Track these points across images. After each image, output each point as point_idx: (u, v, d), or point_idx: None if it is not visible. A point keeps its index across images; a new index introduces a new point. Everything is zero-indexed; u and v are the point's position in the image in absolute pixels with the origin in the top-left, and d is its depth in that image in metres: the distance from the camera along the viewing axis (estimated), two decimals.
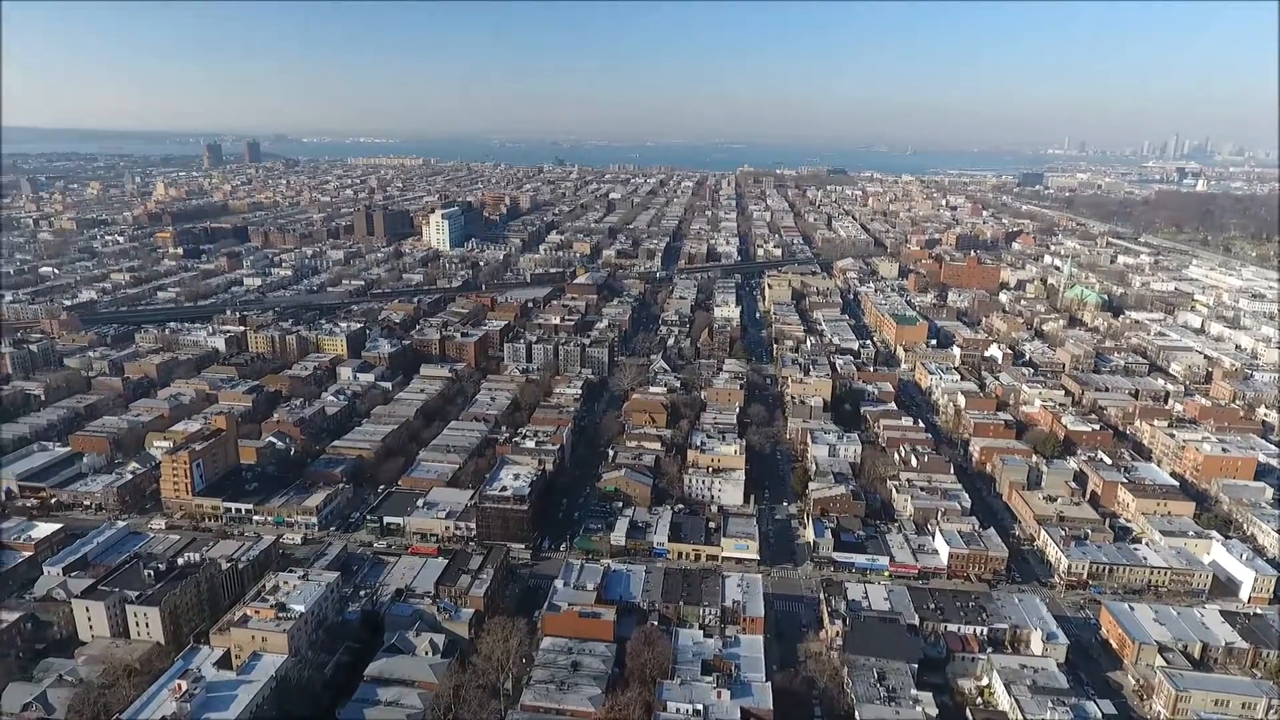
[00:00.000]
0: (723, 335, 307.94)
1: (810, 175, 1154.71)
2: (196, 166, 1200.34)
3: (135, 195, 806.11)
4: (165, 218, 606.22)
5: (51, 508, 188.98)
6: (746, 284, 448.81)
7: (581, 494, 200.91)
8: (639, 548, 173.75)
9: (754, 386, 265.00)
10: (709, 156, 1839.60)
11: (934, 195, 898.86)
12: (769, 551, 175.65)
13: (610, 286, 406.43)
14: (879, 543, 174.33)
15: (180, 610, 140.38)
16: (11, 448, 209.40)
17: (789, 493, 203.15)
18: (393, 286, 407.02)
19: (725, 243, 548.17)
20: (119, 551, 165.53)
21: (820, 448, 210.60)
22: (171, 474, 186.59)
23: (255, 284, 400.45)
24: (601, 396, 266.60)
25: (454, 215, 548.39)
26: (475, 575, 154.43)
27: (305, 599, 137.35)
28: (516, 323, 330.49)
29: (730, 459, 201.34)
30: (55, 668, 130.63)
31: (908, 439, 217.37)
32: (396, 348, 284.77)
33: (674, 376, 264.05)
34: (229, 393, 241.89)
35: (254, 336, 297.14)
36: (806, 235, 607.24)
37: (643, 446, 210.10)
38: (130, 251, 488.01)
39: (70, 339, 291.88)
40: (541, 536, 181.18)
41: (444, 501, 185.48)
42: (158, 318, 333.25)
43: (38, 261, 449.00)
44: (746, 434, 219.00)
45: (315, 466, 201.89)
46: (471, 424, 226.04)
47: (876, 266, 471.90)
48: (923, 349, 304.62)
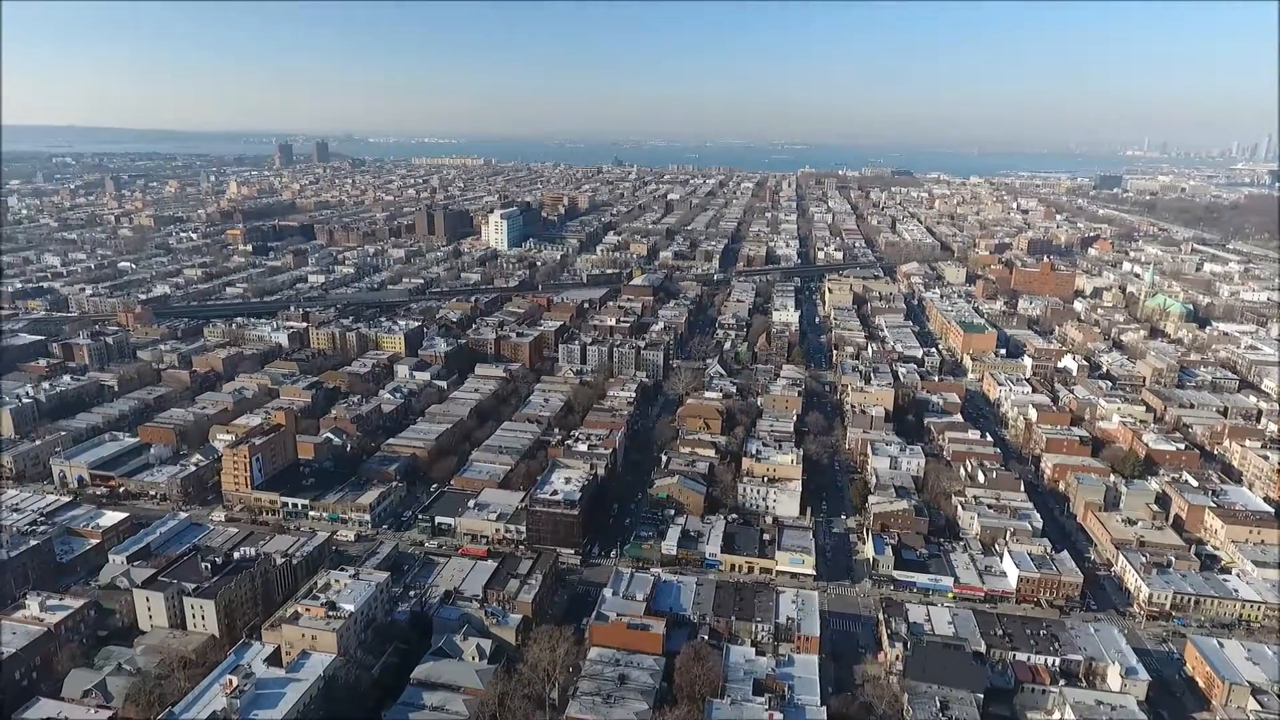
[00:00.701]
0: (781, 340, 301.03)
1: (874, 177, 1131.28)
2: (268, 166, 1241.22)
3: (210, 194, 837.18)
4: (236, 216, 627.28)
5: (119, 496, 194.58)
6: (806, 288, 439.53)
7: (633, 500, 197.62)
8: (690, 558, 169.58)
9: (812, 394, 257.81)
10: (769, 157, 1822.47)
11: (1004, 198, 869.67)
12: (825, 567, 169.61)
13: (667, 288, 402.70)
14: (942, 562, 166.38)
15: (235, 604, 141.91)
16: (85, 436, 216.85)
17: (847, 506, 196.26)
18: (451, 285, 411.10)
19: (785, 245, 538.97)
20: (180, 542, 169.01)
21: (881, 460, 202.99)
22: (232, 467, 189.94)
23: (319, 281, 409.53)
24: (656, 400, 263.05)
25: (513, 215, 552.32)
26: (524, 580, 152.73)
27: (355, 598, 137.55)
28: (572, 324, 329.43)
29: (787, 469, 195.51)
30: (115, 656, 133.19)
31: (974, 453, 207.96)
32: (452, 346, 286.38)
33: (730, 382, 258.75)
34: (290, 388, 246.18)
35: (315, 333, 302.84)
36: (869, 238, 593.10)
37: (696, 453, 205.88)
38: (203, 248, 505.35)
39: (144, 332, 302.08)
40: (591, 542, 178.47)
41: (495, 503, 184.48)
42: (226, 313, 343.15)
43: (117, 257, 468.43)
44: (804, 443, 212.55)
45: (370, 464, 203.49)
46: (524, 425, 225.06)
47: (942, 271, 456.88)
48: (991, 359, 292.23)
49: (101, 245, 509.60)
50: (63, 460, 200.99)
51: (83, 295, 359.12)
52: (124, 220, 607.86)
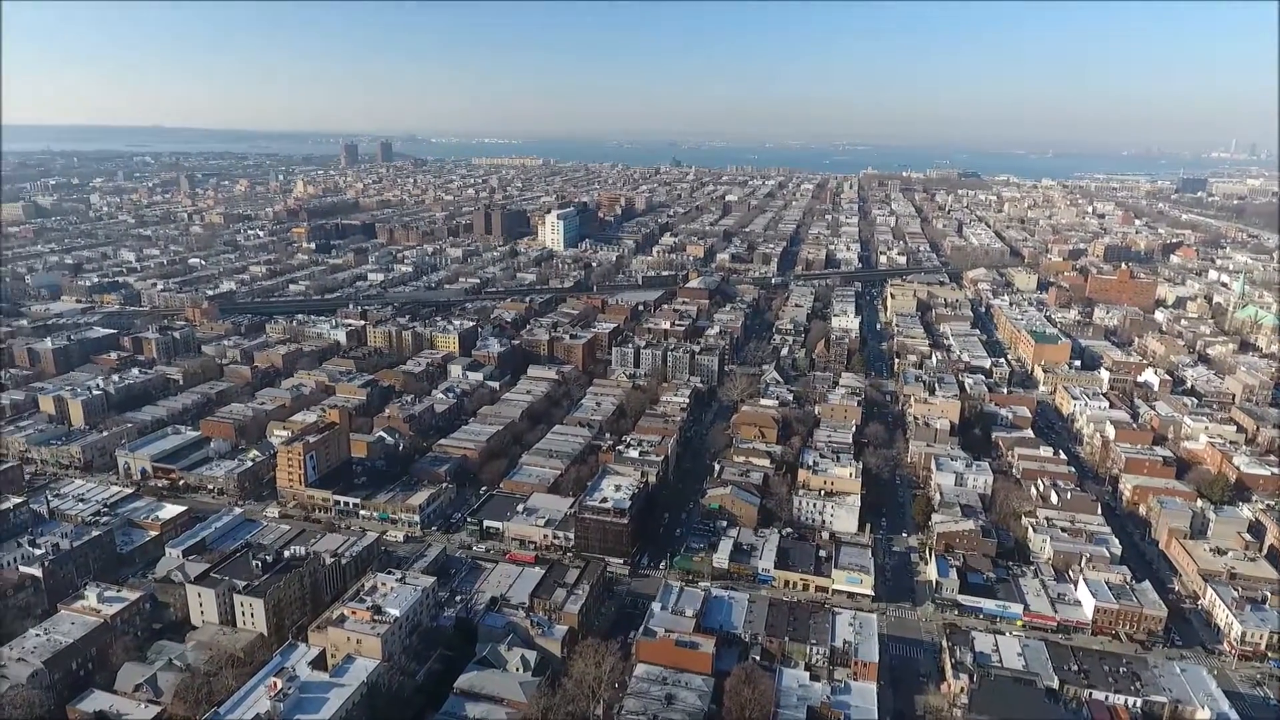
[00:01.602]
0: (840, 347, 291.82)
1: (939, 178, 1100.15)
2: (334, 166, 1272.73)
3: (277, 192, 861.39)
4: (302, 214, 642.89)
5: (179, 489, 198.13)
6: (867, 293, 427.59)
7: (684, 509, 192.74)
8: (742, 572, 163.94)
9: (873, 404, 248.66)
10: (830, 158, 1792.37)
11: (1078, 201, 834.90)
12: (885, 587, 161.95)
13: (723, 291, 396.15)
14: (1011, 588, 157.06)
15: (284, 603, 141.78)
16: (150, 429, 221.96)
17: (909, 523, 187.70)
18: (506, 285, 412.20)
19: (845, 248, 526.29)
20: (234, 538, 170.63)
21: (946, 475, 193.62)
22: (286, 464, 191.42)
23: (378, 279, 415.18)
24: (710, 406, 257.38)
25: (569, 216, 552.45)
26: (571, 590, 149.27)
27: (401, 603, 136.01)
28: (626, 326, 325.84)
29: (845, 482, 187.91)
30: (167, 650, 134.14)
31: (1047, 471, 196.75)
32: (506, 347, 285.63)
33: (786, 389, 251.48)
34: (346, 385, 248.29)
35: (373, 331, 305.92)
36: (934, 242, 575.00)
37: (751, 463, 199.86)
38: (269, 245, 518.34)
39: (209, 327, 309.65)
40: (640, 552, 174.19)
41: (544, 508, 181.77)
42: (287, 309, 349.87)
43: (188, 253, 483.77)
44: (863, 455, 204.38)
45: (421, 464, 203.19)
46: (575, 429, 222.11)
47: (1012, 278, 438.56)
48: (1065, 371, 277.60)
49: (174, 242, 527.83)
50: (127, 452, 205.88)
51: (154, 290, 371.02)
52: (196, 218, 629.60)
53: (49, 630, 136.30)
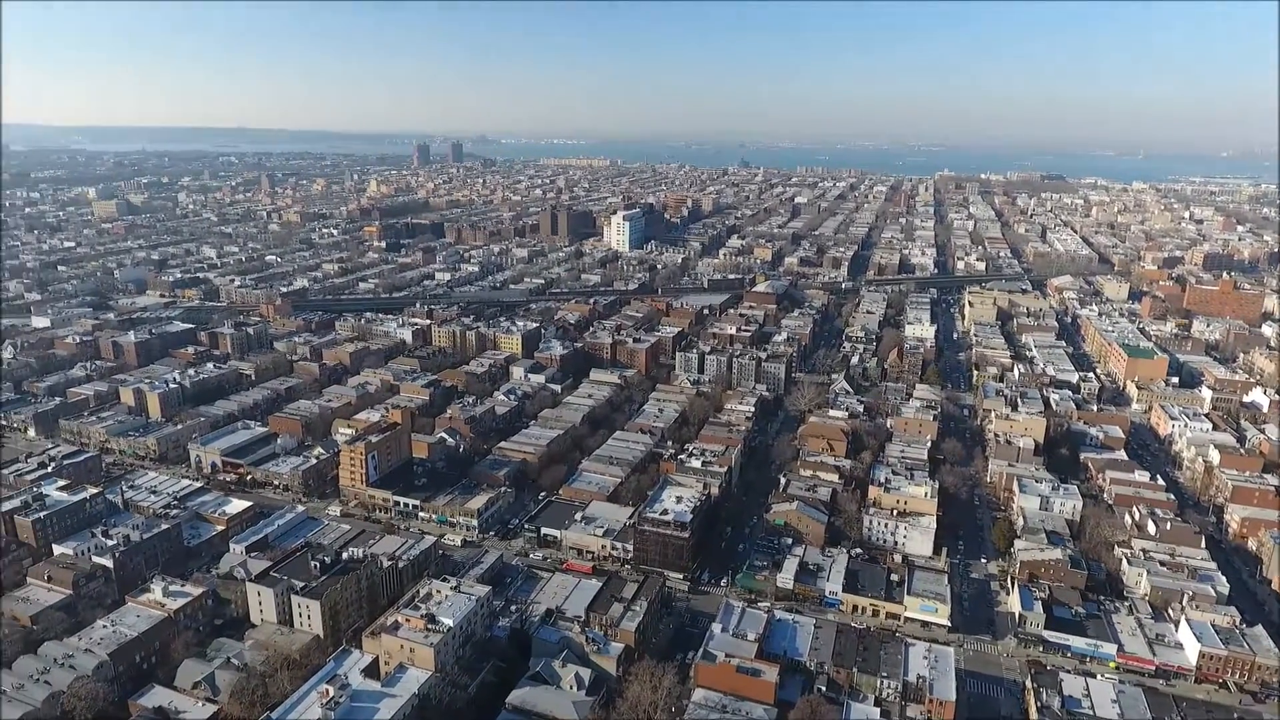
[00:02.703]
0: (914, 357, 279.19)
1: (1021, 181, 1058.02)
2: (406, 166, 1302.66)
3: (352, 192, 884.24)
4: (374, 213, 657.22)
5: (246, 484, 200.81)
6: (943, 300, 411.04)
7: (747, 524, 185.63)
8: (808, 594, 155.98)
9: (949, 418, 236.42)
10: (904, 160, 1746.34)
11: (1173, 206, 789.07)
12: (962, 617, 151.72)
13: (791, 296, 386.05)
14: (1103, 625, 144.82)
15: (340, 606, 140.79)
16: (221, 423, 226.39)
17: (988, 548, 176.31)
18: (570, 286, 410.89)
19: (920, 253, 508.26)
20: (296, 536, 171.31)
21: (1030, 499, 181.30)
22: (349, 463, 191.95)
23: (445, 279, 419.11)
24: (776, 416, 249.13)
25: (635, 217, 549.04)
26: (628, 605, 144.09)
27: (455, 612, 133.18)
28: (690, 330, 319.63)
29: (919, 501, 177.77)
30: (226, 649, 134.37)
31: (1143, 498, 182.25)
32: (568, 349, 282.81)
33: (857, 400, 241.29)
34: (409, 385, 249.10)
35: (438, 330, 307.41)
36: (1015, 248, 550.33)
37: (818, 477, 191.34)
38: (342, 243, 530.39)
39: (282, 323, 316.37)
40: (701, 567, 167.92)
41: (603, 517, 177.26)
42: (357, 307, 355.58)
43: (265, 250, 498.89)
44: (939, 473, 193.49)
45: (481, 466, 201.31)
46: (637, 436, 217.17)
47: (1101, 286, 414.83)
48: (1161, 388, 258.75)
49: (253, 239, 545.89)
50: (199, 445, 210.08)
51: (232, 286, 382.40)
52: (274, 216, 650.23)
53: (116, 622, 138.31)
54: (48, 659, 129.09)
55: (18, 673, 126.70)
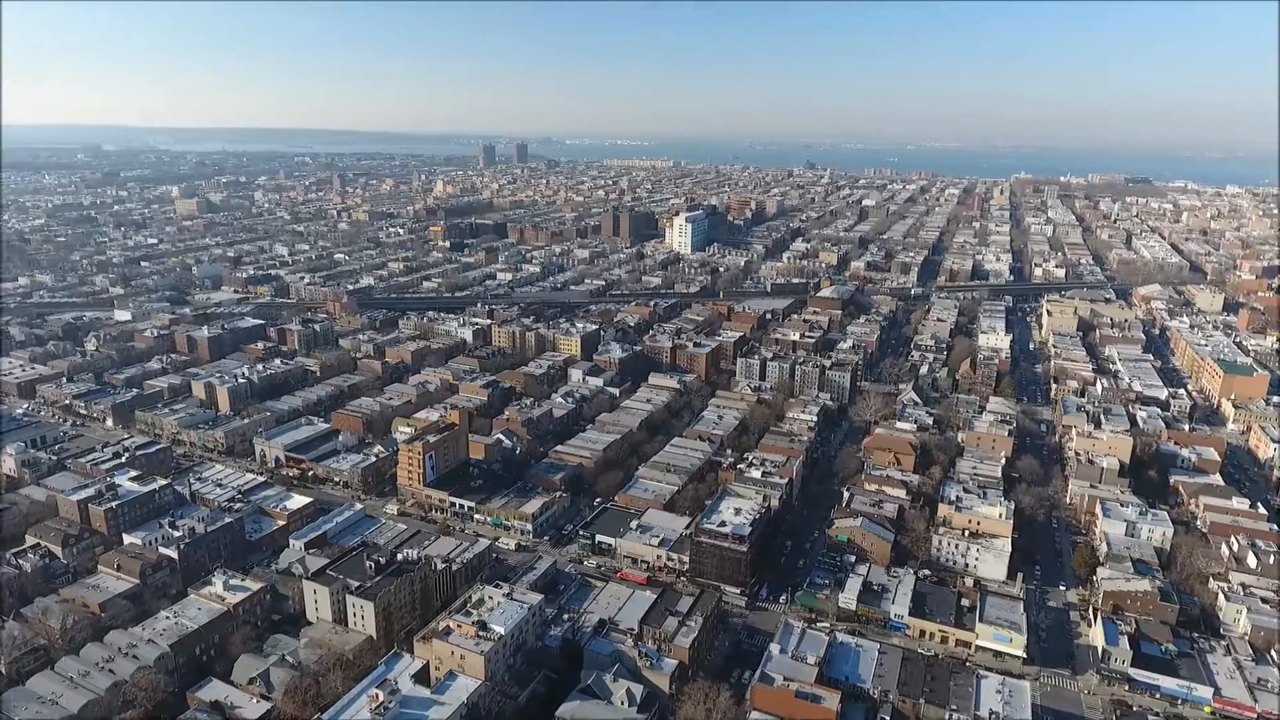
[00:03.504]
0: (988, 368, 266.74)
1: (1104, 184, 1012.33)
2: (472, 166, 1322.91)
3: (419, 191, 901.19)
4: (439, 213, 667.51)
5: (307, 480, 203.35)
6: (1019, 309, 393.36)
7: (808, 539, 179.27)
8: (871, 616, 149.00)
9: (1025, 434, 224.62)
10: (978, 161, 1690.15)
11: (1273, 211, 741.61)
12: (1038, 648, 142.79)
13: (857, 302, 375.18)
14: (1197, 665, 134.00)
15: (393, 607, 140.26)
16: (286, 418, 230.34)
17: (1067, 575, 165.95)
18: (631, 288, 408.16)
19: (995, 259, 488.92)
20: (353, 534, 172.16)
21: (1114, 523, 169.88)
22: (407, 462, 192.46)
23: (506, 279, 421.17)
24: (839, 427, 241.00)
25: (697, 219, 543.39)
26: (683, 620, 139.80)
27: (507, 620, 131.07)
28: (752, 335, 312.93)
29: (993, 522, 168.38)
30: (282, 645, 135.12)
31: (1241, 527, 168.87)
32: (628, 353, 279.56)
33: (926, 412, 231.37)
34: (469, 385, 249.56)
35: (498, 331, 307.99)
36: (1098, 254, 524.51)
37: (884, 492, 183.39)
38: (407, 242, 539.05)
39: (347, 321, 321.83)
40: (759, 583, 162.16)
41: (659, 526, 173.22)
42: (419, 305, 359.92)
43: (334, 248, 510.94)
44: (1014, 492, 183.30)
45: (537, 470, 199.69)
46: (695, 443, 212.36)
47: (1193, 297, 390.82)
48: (1261, 408, 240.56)
49: (323, 237, 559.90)
50: (264, 440, 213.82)
51: (301, 284, 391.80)
52: (344, 215, 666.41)
53: (178, 613, 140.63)
54: (113, 647, 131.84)
55: (84, 659, 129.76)
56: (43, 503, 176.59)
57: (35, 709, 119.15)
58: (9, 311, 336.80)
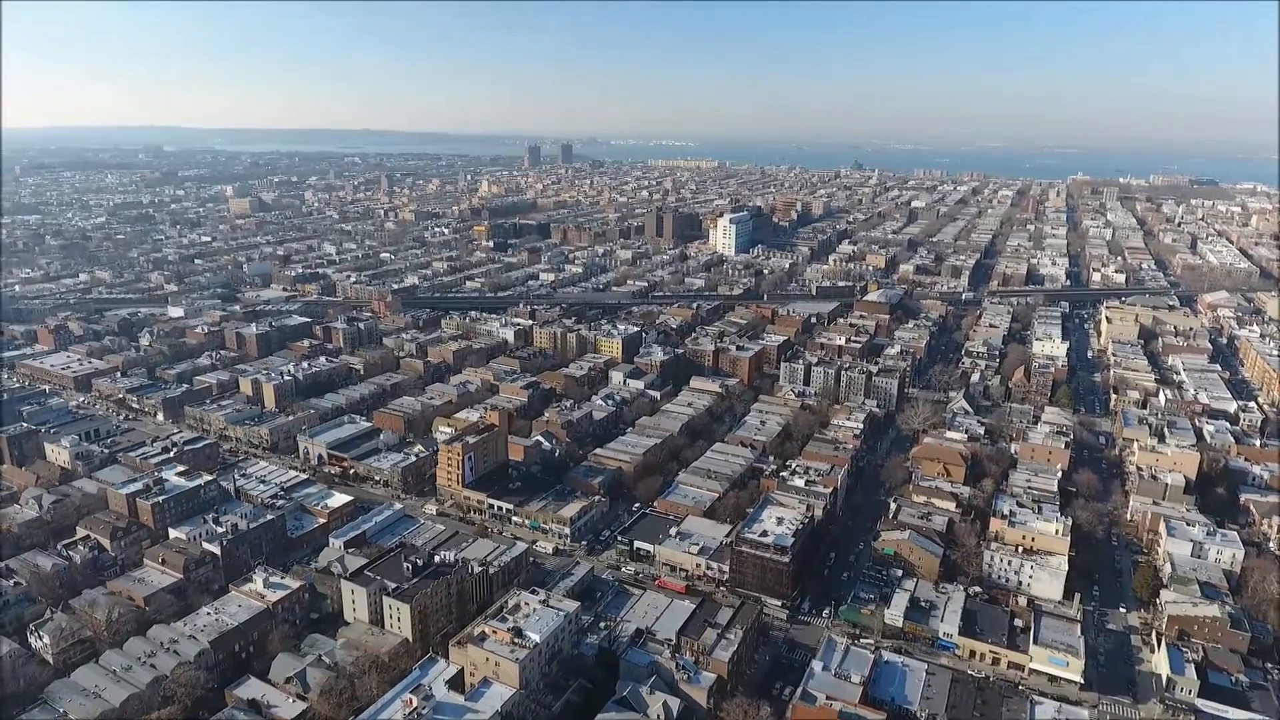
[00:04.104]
0: (1043, 376, 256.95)
1: (1167, 186, 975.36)
2: (517, 167, 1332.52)
3: (464, 192, 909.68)
4: (484, 213, 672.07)
5: (348, 478, 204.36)
6: (1076, 315, 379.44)
7: (853, 551, 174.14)
8: (919, 634, 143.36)
9: (1083, 446, 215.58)
10: (1033, 162, 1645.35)
11: None
12: (1096, 674, 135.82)
13: (905, 306, 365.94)
14: (1271, 698, 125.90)
15: (429, 610, 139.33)
16: (329, 416, 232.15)
17: (1128, 597, 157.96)
18: (673, 290, 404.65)
19: (1050, 263, 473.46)
20: (392, 533, 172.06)
21: (1180, 543, 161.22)
22: (446, 462, 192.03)
23: (549, 279, 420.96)
24: (886, 435, 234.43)
25: (742, 220, 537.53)
26: (723, 632, 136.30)
27: (543, 627, 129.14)
28: (796, 339, 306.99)
29: (1049, 538, 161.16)
30: (319, 645, 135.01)
31: None
32: (669, 355, 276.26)
33: (977, 421, 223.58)
34: (509, 386, 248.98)
35: (539, 331, 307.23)
36: (1160, 259, 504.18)
37: (933, 504, 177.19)
38: (452, 242, 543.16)
39: (391, 319, 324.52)
40: (801, 595, 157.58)
41: (698, 534, 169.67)
42: (462, 305, 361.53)
43: (380, 247, 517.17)
44: (1071, 507, 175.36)
45: (575, 473, 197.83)
46: (737, 449, 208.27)
47: (1263, 304, 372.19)
48: None
49: (370, 237, 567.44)
50: (307, 437, 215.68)
51: (347, 282, 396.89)
52: (391, 214, 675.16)
53: (219, 610, 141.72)
54: (155, 642, 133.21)
55: (128, 653, 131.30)
56: (94, 495, 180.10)
57: (79, 702, 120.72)
58: (69, 307, 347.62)
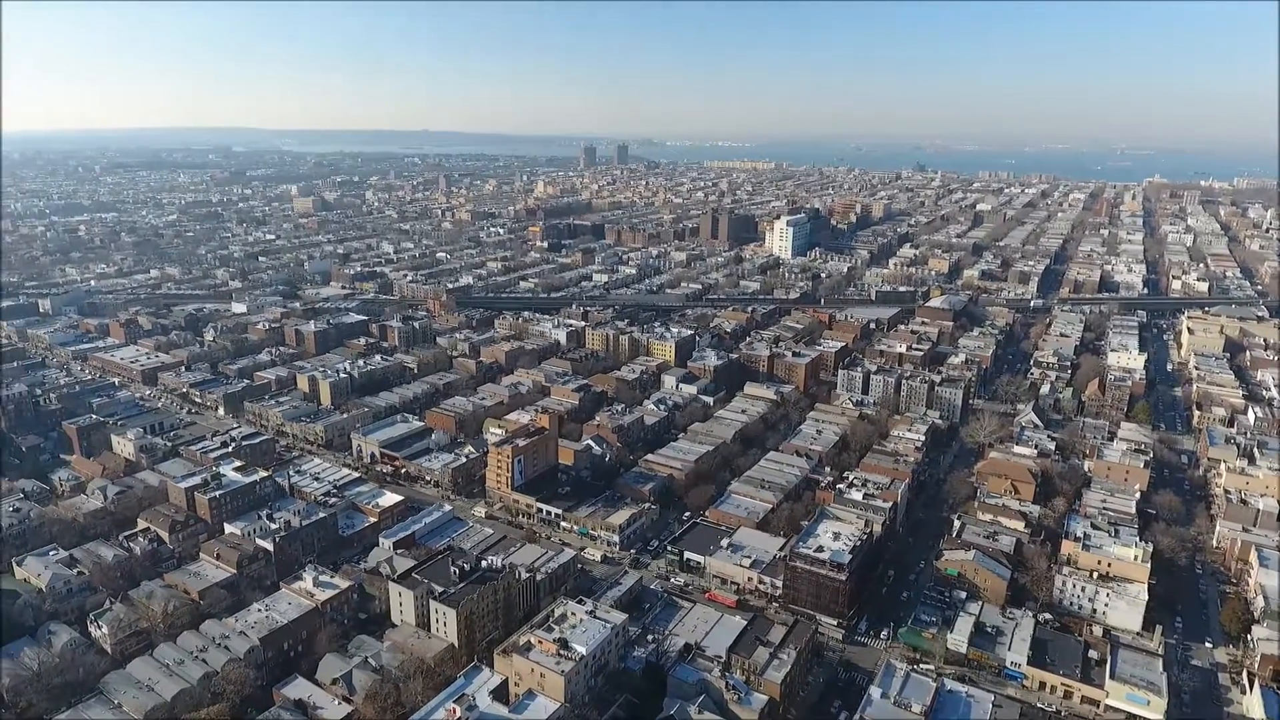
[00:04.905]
0: (1119, 390, 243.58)
1: (1254, 189, 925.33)
2: (573, 167, 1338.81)
3: (520, 192, 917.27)
4: (539, 213, 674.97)
5: (399, 478, 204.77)
6: (1154, 325, 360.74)
7: (913, 570, 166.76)
8: (984, 661, 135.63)
9: (1163, 465, 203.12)
10: (1106, 164, 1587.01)
11: None
12: (1180, 713, 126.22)
13: (970, 313, 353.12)
14: None
15: (476, 616, 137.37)
16: (383, 414, 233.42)
17: (1214, 631, 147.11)
18: (728, 293, 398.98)
19: (1126, 270, 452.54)
20: (441, 535, 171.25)
21: (1273, 574, 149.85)
22: (496, 465, 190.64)
23: (602, 280, 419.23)
24: (949, 448, 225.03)
25: (799, 222, 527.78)
26: (775, 652, 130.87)
27: (589, 640, 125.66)
28: (855, 346, 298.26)
29: (1127, 565, 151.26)
30: (366, 647, 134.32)
31: None
32: (723, 360, 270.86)
33: (1047, 436, 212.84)
34: (560, 388, 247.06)
35: (591, 333, 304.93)
36: (1247, 267, 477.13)
37: (999, 523, 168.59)
38: (506, 242, 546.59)
39: (445, 319, 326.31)
40: (858, 615, 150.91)
41: (751, 546, 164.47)
42: (515, 305, 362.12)
43: (437, 247, 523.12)
44: (1150, 531, 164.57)
45: (626, 479, 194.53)
46: (792, 458, 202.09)
47: None
48: None
49: (427, 236, 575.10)
50: (361, 435, 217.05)
51: (404, 281, 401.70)
52: (448, 214, 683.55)
53: (269, 607, 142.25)
54: (207, 637, 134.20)
55: (181, 646, 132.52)
56: (155, 488, 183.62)
57: (132, 694, 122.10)
58: (139, 301, 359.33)
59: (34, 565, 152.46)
